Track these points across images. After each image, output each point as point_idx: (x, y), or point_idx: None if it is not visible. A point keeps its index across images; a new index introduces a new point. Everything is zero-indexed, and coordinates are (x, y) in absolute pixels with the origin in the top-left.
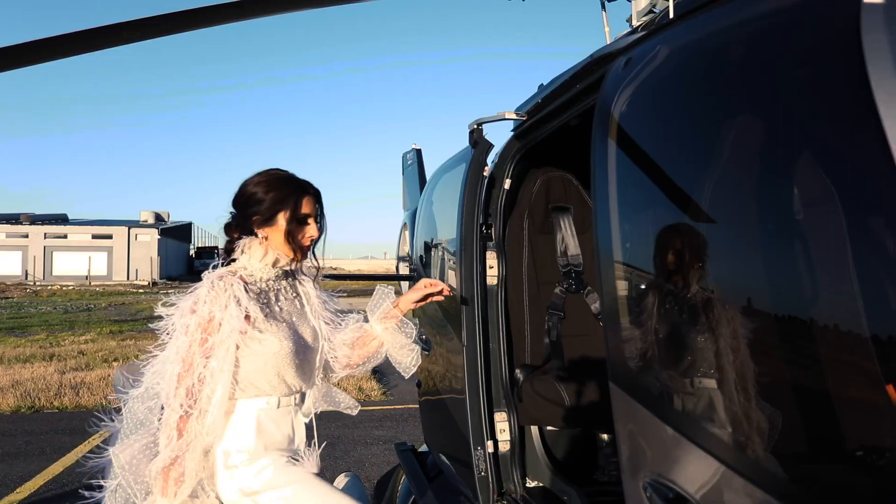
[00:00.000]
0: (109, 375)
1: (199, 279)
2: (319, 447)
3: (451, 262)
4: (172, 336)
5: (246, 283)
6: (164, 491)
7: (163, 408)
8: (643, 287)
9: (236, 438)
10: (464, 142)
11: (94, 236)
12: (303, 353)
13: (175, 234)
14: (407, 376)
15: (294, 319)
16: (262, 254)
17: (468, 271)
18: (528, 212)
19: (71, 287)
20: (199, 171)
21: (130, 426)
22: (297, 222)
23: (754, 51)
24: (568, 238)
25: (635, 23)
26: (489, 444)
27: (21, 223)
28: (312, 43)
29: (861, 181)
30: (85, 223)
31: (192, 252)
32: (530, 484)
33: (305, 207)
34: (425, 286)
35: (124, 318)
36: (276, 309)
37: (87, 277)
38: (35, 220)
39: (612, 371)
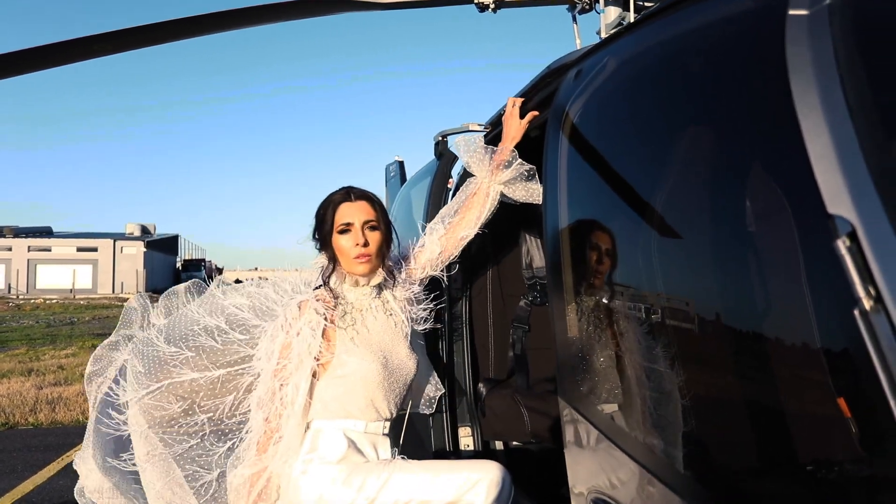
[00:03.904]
0: None
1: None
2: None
3: None
4: (262, 360)
5: (329, 306)
6: None
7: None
8: (588, 300)
9: (315, 451)
10: None
11: (79, 249)
12: (394, 376)
13: (161, 247)
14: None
15: (387, 339)
16: (341, 276)
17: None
18: (493, 224)
19: (55, 300)
20: (186, 183)
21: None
22: (339, 235)
23: (692, 61)
24: (533, 250)
25: (604, 35)
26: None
27: (4, 236)
28: (297, 56)
29: (787, 194)
30: (69, 236)
31: (178, 265)
32: None
33: (344, 217)
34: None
35: (107, 332)
36: (364, 330)
37: (71, 291)
38: (18, 232)
39: (560, 383)
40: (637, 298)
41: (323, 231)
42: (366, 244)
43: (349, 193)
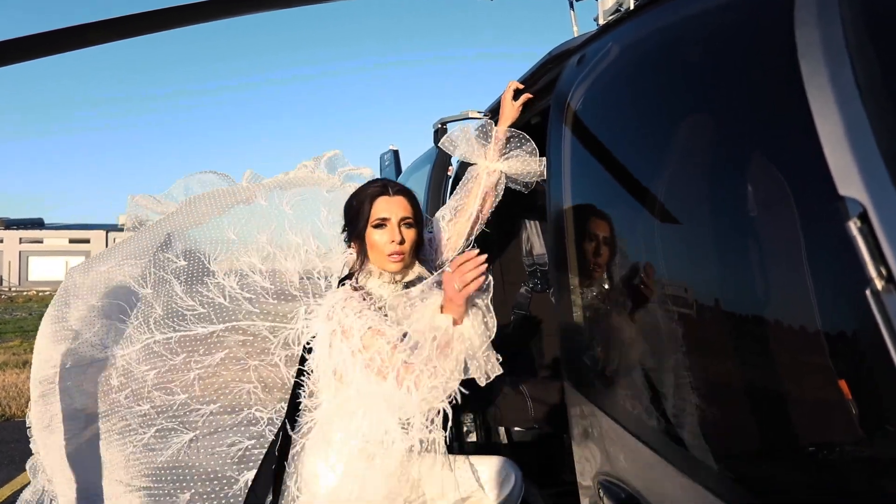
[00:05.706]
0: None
1: None
2: None
3: None
4: (316, 352)
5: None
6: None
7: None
8: (592, 286)
9: (329, 457)
10: None
11: (72, 240)
12: None
13: None
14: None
15: None
16: (368, 271)
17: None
18: (493, 211)
19: (48, 292)
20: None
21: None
22: (374, 229)
23: (697, 46)
24: (533, 237)
25: (602, 22)
26: (455, 445)
27: None
28: (296, 45)
29: (797, 177)
30: (62, 227)
31: None
32: None
33: (380, 211)
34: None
35: None
36: None
37: None
38: (10, 224)
39: (565, 368)
40: (643, 284)
41: (357, 224)
42: (401, 241)
43: (387, 187)
